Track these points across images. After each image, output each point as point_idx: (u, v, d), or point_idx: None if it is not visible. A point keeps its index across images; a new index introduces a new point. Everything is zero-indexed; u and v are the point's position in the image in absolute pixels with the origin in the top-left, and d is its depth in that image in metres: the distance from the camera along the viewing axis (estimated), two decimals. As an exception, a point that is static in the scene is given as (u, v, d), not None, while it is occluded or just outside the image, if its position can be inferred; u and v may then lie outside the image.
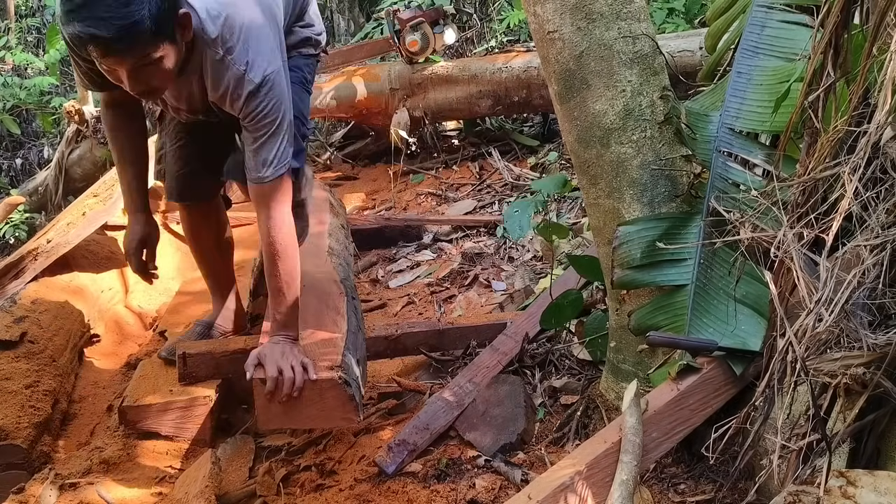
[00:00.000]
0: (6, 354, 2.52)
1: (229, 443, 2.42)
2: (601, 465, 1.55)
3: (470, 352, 2.64)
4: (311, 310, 2.40)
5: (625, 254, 1.88)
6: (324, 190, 3.95)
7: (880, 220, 1.34)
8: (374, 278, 3.96)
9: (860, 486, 1.27)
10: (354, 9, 8.73)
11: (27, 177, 6.58)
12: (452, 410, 2.29)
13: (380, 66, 5.60)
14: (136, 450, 2.37)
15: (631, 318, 1.90)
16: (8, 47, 7.43)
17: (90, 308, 3.09)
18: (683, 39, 4.65)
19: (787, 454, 1.46)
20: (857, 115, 1.43)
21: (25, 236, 4.99)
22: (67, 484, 2.15)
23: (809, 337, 1.35)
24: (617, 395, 2.04)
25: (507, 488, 1.98)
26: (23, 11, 8.46)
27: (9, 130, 6.91)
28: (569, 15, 1.89)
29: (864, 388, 1.37)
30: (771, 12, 2.02)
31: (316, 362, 2.08)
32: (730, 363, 1.73)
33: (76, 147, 5.79)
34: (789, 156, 1.77)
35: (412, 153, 5.39)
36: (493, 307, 3.24)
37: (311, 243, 3.01)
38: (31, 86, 6.76)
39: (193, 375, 2.49)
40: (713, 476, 1.80)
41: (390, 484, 2.09)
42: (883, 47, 1.33)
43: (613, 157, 1.91)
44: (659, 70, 1.93)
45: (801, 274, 1.38)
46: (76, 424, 2.63)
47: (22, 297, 2.77)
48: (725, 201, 1.81)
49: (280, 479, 2.20)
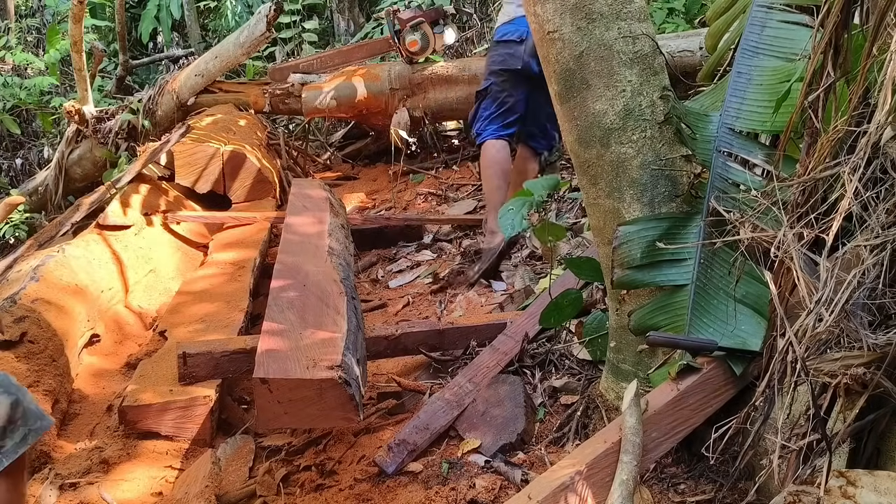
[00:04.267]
0: (6, 354, 2.52)
1: (229, 443, 2.42)
2: (601, 465, 1.55)
3: (470, 352, 2.64)
4: (311, 310, 2.40)
5: (625, 254, 1.88)
6: (324, 190, 3.95)
7: (880, 220, 1.34)
8: (374, 278, 3.96)
9: (860, 486, 1.27)
10: (354, 9, 8.74)
11: (27, 177, 6.58)
12: (452, 410, 2.29)
13: (380, 66, 5.61)
14: (136, 450, 2.37)
15: (631, 318, 1.90)
16: (8, 47, 7.43)
17: (90, 308, 3.09)
18: (683, 39, 4.66)
19: (787, 454, 1.46)
20: (857, 115, 1.43)
21: (25, 236, 4.99)
22: (67, 484, 2.16)
23: (809, 337, 1.35)
24: (617, 395, 2.04)
25: (507, 488, 1.98)
26: (23, 11, 8.47)
27: (9, 130, 6.90)
28: (569, 15, 1.89)
29: (864, 388, 1.37)
30: (771, 12, 2.02)
31: (316, 362, 2.08)
32: (730, 363, 1.73)
33: (76, 147, 5.79)
34: (789, 156, 1.77)
35: (412, 153, 5.40)
36: (493, 307, 3.24)
37: (311, 243, 3.02)
38: (31, 86, 6.76)
39: (193, 375, 2.49)
40: (713, 476, 1.80)
41: (390, 484, 2.09)
42: (883, 47, 1.33)
43: (613, 157, 1.91)
44: (659, 70, 1.93)
45: (801, 274, 1.38)
46: (76, 424, 2.63)
47: (22, 297, 2.77)
48: (725, 201, 1.81)
49: (280, 479, 2.20)
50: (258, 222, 4.17)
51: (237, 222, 4.25)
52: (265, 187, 4.70)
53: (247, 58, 5.93)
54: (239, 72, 7.35)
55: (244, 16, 8.89)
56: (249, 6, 9.12)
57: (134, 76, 8.10)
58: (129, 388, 2.52)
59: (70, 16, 5.42)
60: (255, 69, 7.18)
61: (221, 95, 5.89)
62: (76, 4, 5.20)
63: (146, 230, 3.92)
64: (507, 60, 3.70)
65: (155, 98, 5.74)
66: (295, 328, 2.28)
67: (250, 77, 6.94)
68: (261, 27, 5.42)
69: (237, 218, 4.31)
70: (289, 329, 2.27)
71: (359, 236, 4.01)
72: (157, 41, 9.93)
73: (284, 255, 2.87)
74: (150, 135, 5.56)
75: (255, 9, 8.15)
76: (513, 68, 3.67)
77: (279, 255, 2.89)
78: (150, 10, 9.30)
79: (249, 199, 4.65)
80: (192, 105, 5.77)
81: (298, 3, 7.76)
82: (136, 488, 2.20)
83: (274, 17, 5.41)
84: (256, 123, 5.63)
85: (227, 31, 8.13)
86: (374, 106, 5.38)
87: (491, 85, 3.79)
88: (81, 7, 5.24)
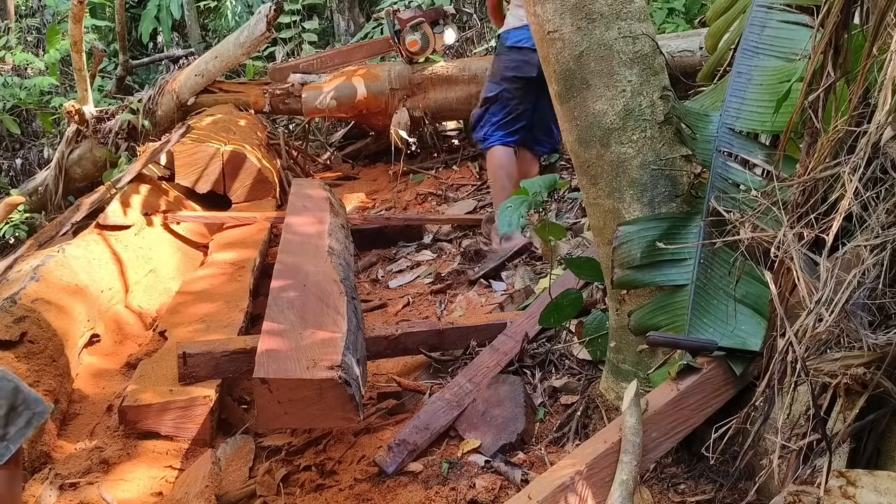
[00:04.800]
0: (6, 354, 2.52)
1: (229, 443, 2.42)
2: (601, 465, 1.55)
3: (470, 352, 2.64)
4: (311, 310, 2.40)
5: (625, 254, 1.88)
6: (324, 190, 3.95)
7: (880, 220, 1.34)
8: (374, 278, 3.96)
9: (860, 486, 1.27)
10: (354, 9, 8.74)
11: (27, 177, 6.59)
12: (452, 410, 2.29)
13: (380, 66, 5.61)
14: (136, 450, 2.37)
15: (631, 318, 1.89)
16: (8, 47, 7.43)
17: (90, 308, 3.09)
18: (683, 39, 4.66)
19: (787, 454, 1.46)
20: (857, 115, 1.43)
21: (25, 236, 4.99)
22: (67, 484, 2.16)
23: (809, 337, 1.35)
24: (617, 395, 2.04)
25: (507, 488, 1.98)
26: (23, 11, 8.47)
27: (9, 130, 6.91)
28: (569, 15, 1.89)
29: (864, 388, 1.37)
30: (771, 12, 2.02)
31: (316, 362, 2.08)
32: (730, 363, 1.73)
33: (76, 147, 5.80)
34: (789, 156, 1.77)
35: (412, 153, 5.40)
36: (493, 307, 3.24)
37: (311, 243, 3.02)
38: (31, 86, 6.77)
39: (193, 375, 2.49)
40: (713, 476, 1.80)
41: (390, 484, 2.09)
42: (883, 47, 1.33)
43: (613, 157, 1.91)
44: (659, 70, 1.92)
45: (801, 274, 1.38)
46: (76, 424, 2.63)
47: (22, 297, 2.77)
48: (725, 201, 1.80)
49: (280, 479, 2.20)
50: (258, 222, 4.17)
51: (237, 222, 4.25)
52: (265, 187, 4.70)
53: (247, 58, 5.94)
54: (239, 72, 7.35)
55: (244, 16, 8.90)
56: (249, 6, 9.13)
57: (134, 76, 8.11)
58: (129, 388, 2.52)
59: (70, 16, 5.43)
60: (255, 69, 7.19)
61: (221, 95, 5.89)
62: (76, 4, 5.20)
63: (146, 230, 3.92)
64: (522, 67, 3.67)
65: (155, 98, 5.74)
66: (295, 328, 2.28)
67: (250, 77, 6.94)
68: (261, 27, 5.42)
69: (237, 218, 4.31)
70: (289, 329, 2.27)
71: (359, 236, 4.01)
72: (157, 41, 9.94)
73: (284, 255, 2.87)
74: (150, 135, 5.56)
75: (255, 9, 8.15)
76: (528, 76, 3.66)
77: (279, 255, 2.89)
78: (150, 10, 9.31)
79: (249, 199, 4.65)
80: (192, 105, 5.77)
81: (298, 3, 7.77)
82: (136, 488, 2.20)
83: (274, 17, 5.41)
84: (256, 123, 5.64)
85: (227, 31, 8.13)
86: (374, 106, 5.38)
87: (503, 91, 3.78)
88: (81, 7, 5.24)
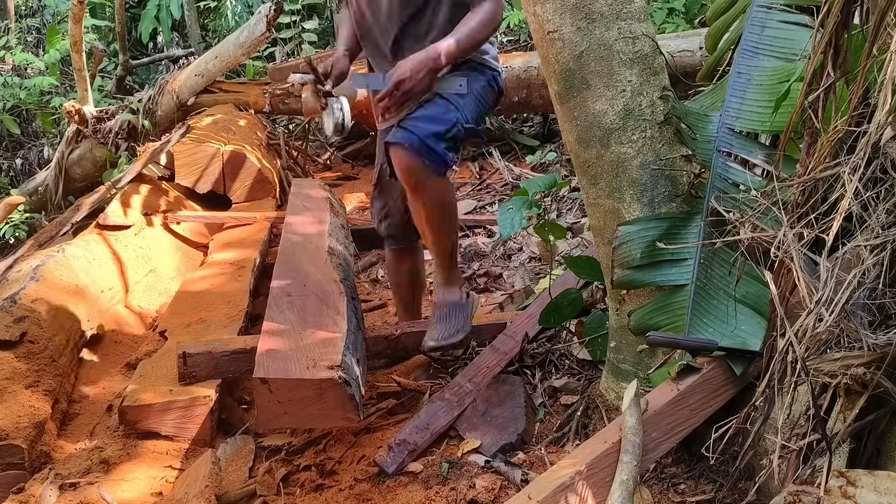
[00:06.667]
0: (6, 354, 2.52)
1: (229, 443, 2.42)
2: (601, 465, 1.55)
3: (470, 352, 2.64)
4: (311, 310, 2.40)
5: (625, 254, 1.88)
6: (324, 190, 3.95)
7: (880, 220, 1.34)
8: (374, 278, 3.96)
9: (860, 486, 1.27)
10: (354, 9, 8.71)
11: (27, 177, 6.59)
12: (452, 410, 2.29)
13: (380, 66, 5.59)
14: (136, 450, 2.37)
15: (631, 318, 1.90)
16: (8, 47, 7.43)
17: (90, 308, 3.09)
18: (683, 39, 4.66)
19: (787, 454, 1.46)
20: (857, 115, 1.43)
21: (25, 236, 4.99)
22: (67, 484, 2.16)
23: (809, 337, 1.35)
24: (617, 395, 2.04)
25: (507, 488, 1.98)
26: (23, 11, 8.47)
27: (9, 130, 6.91)
28: (569, 15, 1.89)
29: (864, 388, 1.37)
30: (771, 12, 2.02)
31: (316, 362, 2.08)
32: (730, 363, 1.73)
33: (76, 147, 5.80)
34: (789, 156, 1.77)
35: (412, 153, 5.38)
36: (493, 307, 3.24)
37: (312, 243, 3.02)
38: (31, 86, 6.77)
39: (193, 375, 2.49)
40: (713, 476, 1.80)
41: (390, 484, 2.09)
42: (883, 47, 1.33)
43: (613, 157, 1.91)
44: (659, 70, 1.93)
45: (801, 274, 1.38)
46: (76, 424, 2.63)
47: (22, 297, 2.77)
48: (725, 201, 1.80)
49: (280, 479, 2.19)
50: (258, 222, 4.17)
51: (237, 222, 4.25)
52: (265, 187, 4.70)
53: (247, 58, 5.94)
54: (239, 72, 7.35)
55: (244, 16, 8.89)
56: (249, 6, 9.12)
57: (134, 76, 8.11)
58: (129, 388, 2.52)
59: (70, 16, 5.43)
60: (255, 69, 7.18)
61: (221, 95, 5.89)
62: (76, 4, 5.20)
63: (146, 230, 3.92)
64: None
65: (155, 98, 5.74)
66: (295, 328, 2.28)
67: (250, 77, 6.94)
68: (261, 27, 5.42)
69: (237, 218, 4.31)
70: (289, 329, 2.27)
71: (359, 236, 4.01)
72: (157, 41, 9.94)
73: (284, 255, 2.87)
74: (150, 135, 5.56)
75: (255, 9, 8.15)
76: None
77: (279, 255, 2.89)
78: (150, 10, 9.30)
79: (249, 199, 4.65)
80: (192, 105, 5.77)
81: (298, 3, 7.76)
82: (136, 488, 2.20)
83: (274, 17, 5.41)
84: (256, 123, 5.63)
85: (227, 31, 8.13)
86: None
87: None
88: (81, 7, 5.24)
